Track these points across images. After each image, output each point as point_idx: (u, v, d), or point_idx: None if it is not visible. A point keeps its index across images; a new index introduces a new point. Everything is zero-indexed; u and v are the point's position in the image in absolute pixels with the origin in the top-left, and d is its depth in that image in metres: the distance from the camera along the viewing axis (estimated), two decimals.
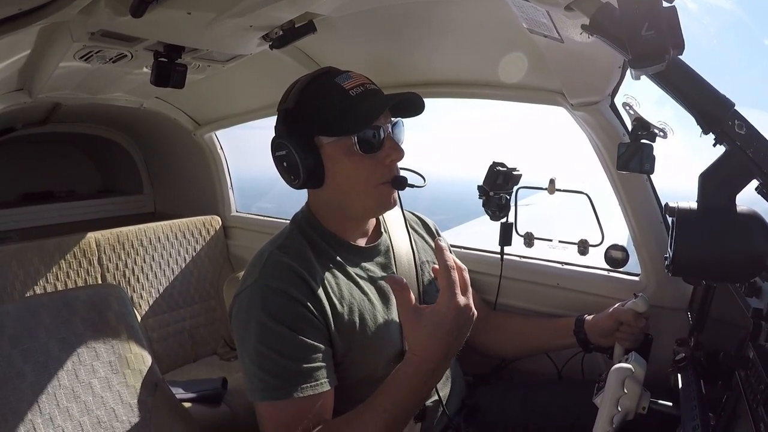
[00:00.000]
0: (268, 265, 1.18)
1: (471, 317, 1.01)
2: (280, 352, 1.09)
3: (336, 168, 1.19)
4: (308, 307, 1.13)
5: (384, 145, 1.19)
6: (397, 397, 1.03)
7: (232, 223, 3.07)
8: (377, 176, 1.20)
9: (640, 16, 0.80)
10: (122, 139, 3.50)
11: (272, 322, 1.10)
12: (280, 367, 1.08)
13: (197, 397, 2.12)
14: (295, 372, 1.08)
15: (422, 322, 1.00)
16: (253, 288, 1.15)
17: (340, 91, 1.17)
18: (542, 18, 1.10)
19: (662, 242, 1.54)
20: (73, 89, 2.06)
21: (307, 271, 1.16)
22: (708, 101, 0.98)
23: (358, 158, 1.18)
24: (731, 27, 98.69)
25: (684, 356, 1.21)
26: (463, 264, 1.05)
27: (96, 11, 1.24)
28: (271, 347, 1.09)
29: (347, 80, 1.19)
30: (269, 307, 1.11)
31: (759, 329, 0.96)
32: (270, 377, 1.08)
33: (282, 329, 1.10)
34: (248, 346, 1.12)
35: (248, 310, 1.14)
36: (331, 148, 1.18)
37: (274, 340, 1.09)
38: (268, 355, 1.09)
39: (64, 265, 2.36)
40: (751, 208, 1.00)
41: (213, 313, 2.84)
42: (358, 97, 1.17)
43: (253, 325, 1.11)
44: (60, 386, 1.31)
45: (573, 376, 1.64)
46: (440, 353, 1.01)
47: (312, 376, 1.10)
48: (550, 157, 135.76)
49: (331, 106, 1.17)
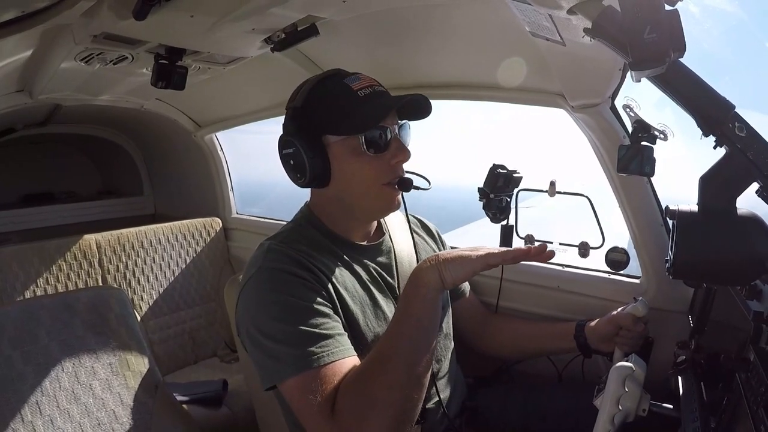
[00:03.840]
0: (271, 253, 1.18)
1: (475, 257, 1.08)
2: (301, 322, 1.07)
3: (342, 167, 1.20)
4: (316, 285, 1.14)
5: (390, 146, 1.20)
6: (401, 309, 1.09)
7: (232, 225, 3.07)
8: (383, 177, 1.21)
9: (643, 19, 0.80)
10: (122, 141, 3.51)
11: (285, 297, 1.10)
12: (305, 336, 1.06)
13: (198, 399, 2.12)
14: (321, 336, 1.07)
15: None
16: (259, 274, 1.15)
17: (348, 92, 1.19)
18: (544, 21, 1.10)
19: (663, 245, 1.54)
20: (73, 90, 2.07)
21: (310, 261, 1.17)
22: (708, 104, 0.98)
23: (364, 158, 1.18)
24: (733, 30, 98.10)
25: (684, 359, 1.21)
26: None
27: (99, 14, 1.24)
28: (290, 321, 1.07)
29: (356, 81, 1.21)
30: (279, 286, 1.11)
31: (759, 332, 0.96)
32: (297, 349, 1.05)
33: (295, 302, 1.09)
34: (264, 328, 1.10)
35: (258, 295, 1.13)
36: (338, 147, 1.19)
37: (291, 313, 1.08)
38: (288, 329, 1.07)
39: (65, 266, 2.37)
40: (751, 211, 1.00)
41: (213, 315, 2.84)
42: (366, 97, 1.18)
43: (266, 307, 1.11)
44: (60, 388, 1.32)
45: (573, 378, 1.63)
46: (426, 262, 1.09)
47: (337, 340, 1.09)
48: (550, 159, 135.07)
49: (339, 106, 1.18)
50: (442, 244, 1.58)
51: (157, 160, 3.56)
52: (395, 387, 1.01)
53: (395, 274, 1.34)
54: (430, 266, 1.08)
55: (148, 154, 3.59)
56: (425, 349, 1.06)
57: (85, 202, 3.46)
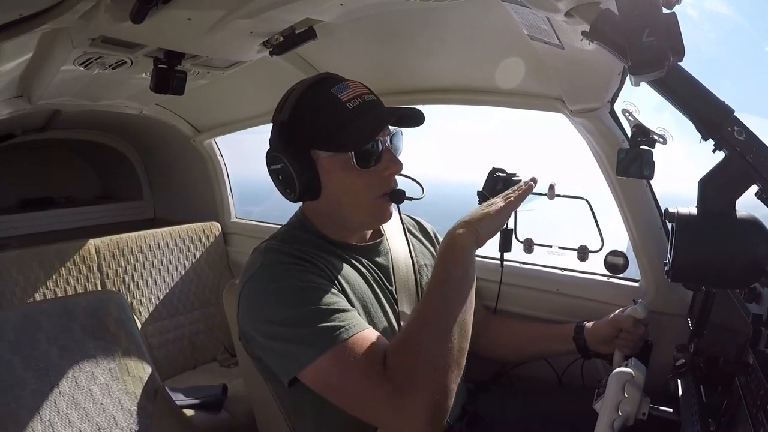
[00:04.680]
0: (269, 252, 1.18)
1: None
2: (316, 302, 1.06)
3: (332, 182, 1.18)
4: (322, 272, 1.14)
5: (382, 159, 1.18)
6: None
7: (231, 230, 3.07)
8: (375, 190, 1.20)
9: (641, 22, 0.80)
10: (122, 146, 3.51)
11: (292, 283, 1.09)
12: (325, 313, 1.05)
13: (198, 403, 2.12)
14: (339, 311, 1.06)
15: None
16: (261, 270, 1.14)
17: (337, 104, 1.15)
18: (543, 24, 1.11)
19: (662, 248, 1.54)
20: (72, 96, 2.06)
21: (310, 257, 1.16)
22: (707, 107, 0.98)
23: (355, 173, 1.17)
24: (731, 33, 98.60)
25: (684, 362, 1.20)
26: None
27: (96, 17, 1.24)
28: (303, 303, 1.06)
29: (344, 91, 1.17)
30: (283, 275, 1.11)
31: (759, 335, 0.96)
32: (320, 328, 1.03)
33: (303, 284, 1.09)
34: (276, 318, 1.08)
35: (263, 289, 1.12)
36: (327, 162, 1.17)
37: (301, 296, 1.07)
38: (302, 312, 1.05)
39: (64, 271, 2.36)
40: (750, 214, 1.00)
41: (213, 320, 2.84)
42: (356, 110, 1.15)
43: (275, 297, 1.10)
44: (60, 393, 1.31)
45: (573, 382, 1.63)
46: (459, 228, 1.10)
47: (353, 315, 1.08)
48: (549, 163, 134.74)
49: (328, 121, 1.15)
50: (440, 244, 1.58)
51: (156, 165, 3.56)
52: (445, 341, 1.01)
53: (392, 277, 1.33)
54: (465, 231, 1.09)
55: (147, 159, 3.59)
56: (470, 301, 1.08)
57: (84, 207, 3.45)
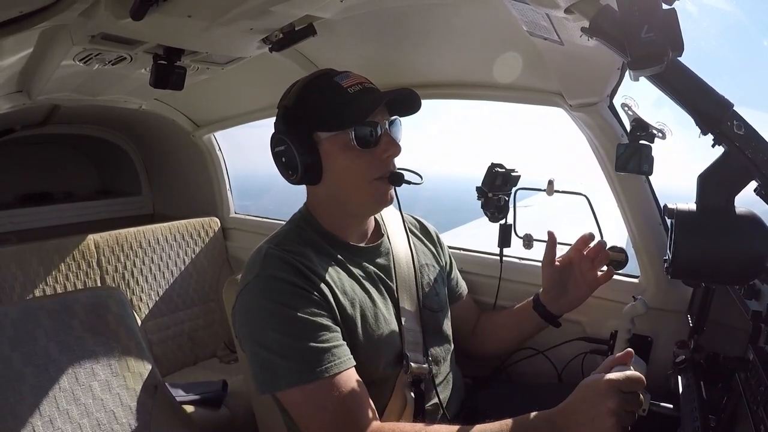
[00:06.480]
0: (268, 259, 1.19)
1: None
2: (297, 336, 1.09)
3: (333, 163, 1.22)
4: (314, 294, 1.14)
5: (381, 141, 1.22)
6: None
7: (230, 225, 3.07)
8: (374, 171, 1.22)
9: (640, 18, 0.80)
10: (121, 141, 3.50)
11: (282, 308, 1.11)
12: (301, 350, 1.08)
13: (198, 399, 2.12)
14: (316, 351, 1.09)
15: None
16: (256, 281, 1.16)
17: (338, 89, 1.21)
18: (542, 21, 1.10)
19: (661, 244, 1.54)
20: (72, 91, 2.06)
21: (307, 266, 1.17)
22: (706, 102, 0.97)
23: (355, 153, 1.20)
24: (730, 29, 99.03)
25: (684, 358, 1.21)
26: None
27: (96, 14, 1.24)
28: (287, 333, 1.09)
29: (346, 79, 1.23)
30: (276, 296, 1.12)
31: (758, 331, 0.96)
32: (292, 362, 1.08)
33: (293, 313, 1.10)
34: (261, 338, 1.12)
35: (255, 303, 1.14)
36: (328, 143, 1.21)
37: (288, 325, 1.10)
38: (285, 341, 1.09)
39: (63, 267, 2.36)
40: (749, 210, 0.99)
41: (212, 316, 2.84)
42: (356, 93, 1.21)
43: (263, 316, 1.12)
44: (60, 389, 1.31)
45: (573, 378, 1.63)
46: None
47: (334, 354, 1.10)
48: (548, 158, 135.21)
49: (329, 103, 1.20)
50: (441, 246, 1.58)
51: (155, 160, 3.56)
52: None
53: (393, 276, 1.34)
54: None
55: (146, 154, 3.59)
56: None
57: (83, 202, 3.46)
